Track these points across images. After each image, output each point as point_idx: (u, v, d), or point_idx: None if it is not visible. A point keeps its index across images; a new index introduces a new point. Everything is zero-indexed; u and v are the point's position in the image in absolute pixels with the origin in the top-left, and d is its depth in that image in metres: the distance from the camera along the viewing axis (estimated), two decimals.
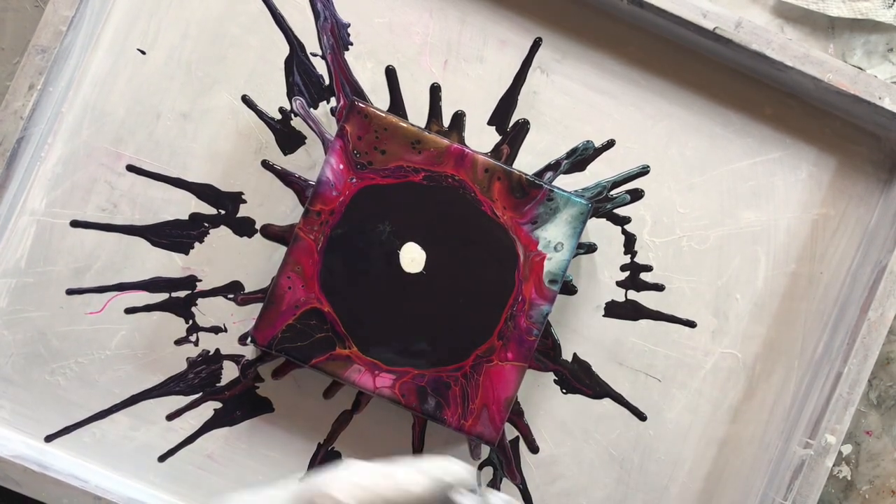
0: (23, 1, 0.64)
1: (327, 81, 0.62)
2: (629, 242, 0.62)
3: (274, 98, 0.62)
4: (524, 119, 0.62)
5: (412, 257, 0.58)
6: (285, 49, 0.62)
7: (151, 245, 0.62)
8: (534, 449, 0.62)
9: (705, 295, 0.62)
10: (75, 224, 0.62)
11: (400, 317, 0.58)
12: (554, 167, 0.62)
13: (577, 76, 0.62)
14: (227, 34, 0.62)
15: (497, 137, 0.62)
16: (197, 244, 0.62)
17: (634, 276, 0.62)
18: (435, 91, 0.62)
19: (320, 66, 0.62)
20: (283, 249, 0.60)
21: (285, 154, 0.62)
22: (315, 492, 0.41)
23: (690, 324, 0.62)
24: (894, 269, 0.58)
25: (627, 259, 0.62)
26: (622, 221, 0.62)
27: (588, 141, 0.62)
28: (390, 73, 0.62)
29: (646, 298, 0.62)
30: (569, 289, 0.62)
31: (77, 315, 0.62)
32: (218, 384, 0.62)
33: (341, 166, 0.57)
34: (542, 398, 0.62)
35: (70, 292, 0.62)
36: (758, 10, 0.62)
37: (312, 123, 0.62)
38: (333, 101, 0.62)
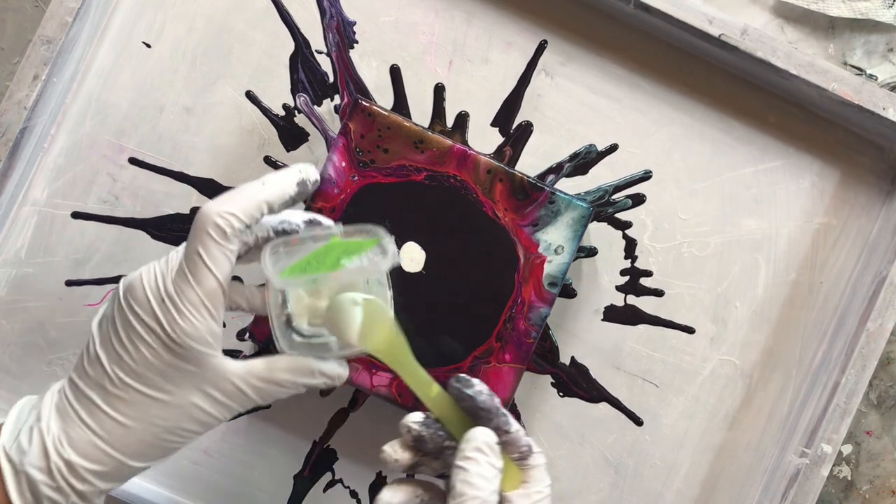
0: (23, 1, 0.64)
1: (332, 79, 0.62)
2: (630, 247, 0.62)
3: (278, 94, 0.62)
4: (527, 121, 0.62)
5: (412, 257, 0.57)
6: (290, 45, 0.62)
7: (152, 238, 0.62)
8: None
9: (704, 301, 0.62)
10: (76, 215, 0.62)
11: (398, 316, 0.58)
12: (556, 170, 0.62)
13: (582, 79, 0.62)
14: (233, 29, 0.62)
15: (500, 139, 0.62)
16: None
17: (634, 280, 0.62)
18: (439, 91, 0.62)
19: (325, 64, 0.62)
20: None
21: (288, 150, 0.62)
22: (213, 214, 0.46)
23: (689, 330, 0.62)
24: (894, 280, 0.58)
25: (628, 264, 0.62)
26: (623, 226, 0.62)
27: (591, 144, 0.62)
28: (395, 72, 0.62)
29: (645, 303, 0.62)
30: (568, 292, 0.62)
31: (76, 306, 0.62)
32: None
33: (343, 164, 0.57)
34: (539, 401, 0.62)
35: (69, 283, 0.62)
36: (758, 9, 0.62)
37: (316, 120, 0.62)
38: (337, 99, 0.62)
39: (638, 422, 0.62)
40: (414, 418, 0.47)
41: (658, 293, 0.62)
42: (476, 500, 0.44)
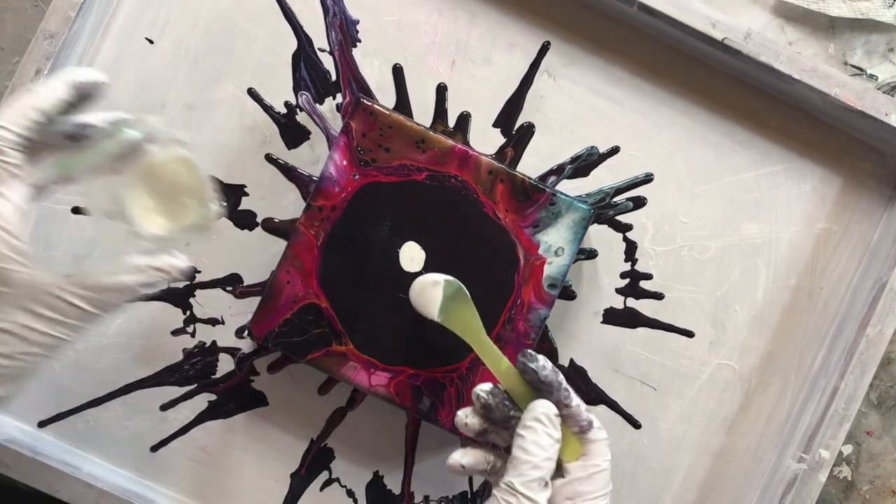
0: (22, 1, 0.64)
1: (334, 77, 0.62)
2: (630, 250, 0.62)
3: (280, 92, 0.62)
4: (529, 122, 0.62)
5: (412, 256, 0.57)
6: (293, 43, 0.62)
7: None
8: None
9: (704, 305, 0.62)
10: (77, 211, 0.62)
11: (397, 316, 0.58)
12: (557, 171, 0.62)
13: (584, 81, 0.62)
14: (236, 26, 0.62)
15: (502, 139, 0.62)
16: None
17: (634, 283, 0.62)
18: (441, 91, 0.62)
19: (327, 62, 0.62)
20: (283, 243, 0.60)
21: (289, 148, 0.62)
22: None
23: (688, 333, 0.62)
24: (894, 286, 0.58)
25: (628, 266, 0.62)
26: (624, 228, 0.62)
27: (592, 146, 0.62)
28: (397, 72, 0.62)
29: (645, 306, 0.62)
30: (568, 294, 0.62)
31: None
32: (213, 376, 0.62)
33: (345, 162, 0.57)
34: None
35: None
36: (758, 9, 0.62)
37: (317, 119, 0.62)
38: (339, 98, 0.62)
39: (636, 425, 0.62)
40: (483, 387, 0.50)
41: (658, 296, 0.62)
42: (527, 465, 0.47)
